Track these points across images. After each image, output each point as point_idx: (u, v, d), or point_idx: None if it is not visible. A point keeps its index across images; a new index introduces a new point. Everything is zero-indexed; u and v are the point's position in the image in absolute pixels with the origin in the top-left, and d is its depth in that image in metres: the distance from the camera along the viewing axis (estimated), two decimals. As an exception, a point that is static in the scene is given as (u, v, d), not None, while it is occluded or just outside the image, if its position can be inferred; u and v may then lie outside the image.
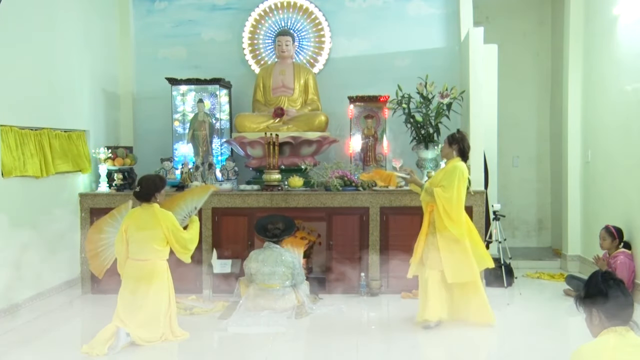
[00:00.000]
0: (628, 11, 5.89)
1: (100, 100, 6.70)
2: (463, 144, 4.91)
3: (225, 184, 6.32)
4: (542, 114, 8.27)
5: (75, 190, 6.08)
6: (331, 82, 7.23)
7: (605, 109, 6.40)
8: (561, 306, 5.67)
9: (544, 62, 8.21)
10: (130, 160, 6.56)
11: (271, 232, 5.47)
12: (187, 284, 5.87)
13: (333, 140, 6.76)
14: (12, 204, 5.00)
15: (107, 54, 6.99)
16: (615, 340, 2.37)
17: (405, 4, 7.31)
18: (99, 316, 4.98)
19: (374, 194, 6.03)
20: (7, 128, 4.91)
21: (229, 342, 4.67)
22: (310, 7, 7.32)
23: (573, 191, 7.09)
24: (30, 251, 5.15)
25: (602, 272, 2.51)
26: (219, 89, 6.80)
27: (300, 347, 4.62)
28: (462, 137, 4.97)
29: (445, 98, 6.26)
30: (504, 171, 7.97)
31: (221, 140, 6.84)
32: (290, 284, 5.33)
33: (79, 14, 6.16)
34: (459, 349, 4.57)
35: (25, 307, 5.11)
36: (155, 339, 4.49)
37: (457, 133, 5.04)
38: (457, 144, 4.92)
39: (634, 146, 5.71)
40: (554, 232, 8.12)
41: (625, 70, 5.95)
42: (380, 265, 5.98)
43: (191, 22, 7.44)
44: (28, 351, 4.47)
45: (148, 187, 4.62)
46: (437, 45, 7.27)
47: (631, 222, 5.74)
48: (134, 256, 4.56)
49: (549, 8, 8.18)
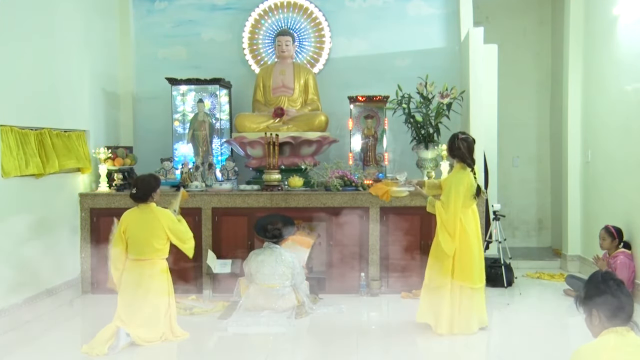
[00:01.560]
0: (628, 11, 5.89)
1: (100, 100, 6.70)
2: (460, 151, 4.71)
3: (225, 184, 6.32)
4: (542, 114, 8.27)
5: (75, 190, 6.08)
6: (331, 82, 7.24)
7: (605, 109, 6.40)
8: (561, 306, 5.67)
9: (544, 62, 8.21)
10: (130, 160, 6.56)
11: (271, 233, 5.47)
12: (187, 284, 5.87)
13: (333, 140, 6.76)
14: (12, 204, 4.99)
15: (107, 54, 6.99)
16: (615, 341, 2.37)
17: (405, 4, 7.31)
18: (99, 316, 4.98)
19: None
20: (7, 128, 4.91)
21: (229, 342, 4.67)
22: (310, 7, 7.32)
23: (573, 191, 7.09)
24: (30, 251, 5.14)
25: (602, 273, 2.51)
26: (219, 89, 6.80)
27: (300, 347, 4.62)
28: (457, 144, 4.73)
29: (445, 98, 6.27)
30: (504, 171, 7.97)
31: (221, 140, 6.84)
32: (290, 284, 5.33)
33: (79, 14, 6.16)
34: (458, 349, 4.57)
35: (25, 307, 5.11)
36: (155, 339, 4.49)
37: (456, 139, 4.77)
38: (453, 152, 4.77)
39: (634, 146, 5.71)
40: (554, 232, 8.12)
41: (625, 70, 5.95)
42: (380, 265, 5.98)
43: (191, 22, 7.45)
44: (28, 351, 4.47)
45: (144, 187, 4.64)
46: (437, 45, 7.27)
47: (631, 222, 5.74)
48: (134, 256, 4.57)
49: (549, 8, 8.19)
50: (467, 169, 4.72)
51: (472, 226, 4.73)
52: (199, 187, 6.23)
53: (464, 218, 4.70)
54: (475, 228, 4.75)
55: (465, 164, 4.73)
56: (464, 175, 4.70)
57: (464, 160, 4.72)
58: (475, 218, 4.78)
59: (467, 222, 4.72)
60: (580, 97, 7.02)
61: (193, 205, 5.99)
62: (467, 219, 4.72)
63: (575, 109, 7.05)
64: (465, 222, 4.71)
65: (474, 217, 4.78)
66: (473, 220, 4.76)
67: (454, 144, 4.75)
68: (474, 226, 4.75)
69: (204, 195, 6.09)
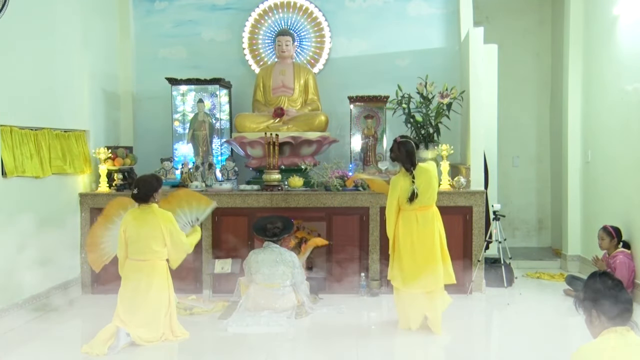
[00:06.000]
0: (628, 11, 5.89)
1: (100, 100, 6.70)
2: (397, 154, 4.77)
3: (225, 184, 6.32)
4: (542, 114, 8.27)
5: (75, 190, 6.08)
6: (331, 82, 7.24)
7: (605, 109, 6.39)
8: (561, 306, 5.67)
9: (544, 62, 8.21)
10: (130, 161, 6.56)
11: (270, 232, 5.47)
12: (187, 284, 5.88)
13: (333, 140, 6.77)
14: (12, 204, 5.00)
15: (107, 54, 6.99)
16: (615, 340, 2.37)
17: (405, 4, 7.31)
18: (99, 316, 4.98)
19: (374, 194, 6.03)
20: (7, 128, 4.91)
21: (229, 342, 4.67)
22: (310, 7, 7.32)
23: (573, 191, 7.09)
24: (30, 251, 5.14)
25: (600, 273, 2.52)
26: (219, 89, 6.80)
27: (300, 347, 4.62)
28: (394, 148, 4.79)
29: (445, 98, 6.27)
30: (504, 171, 7.97)
31: (221, 140, 6.85)
32: (290, 284, 5.33)
33: (78, 14, 6.16)
34: (458, 349, 4.57)
35: (25, 307, 5.12)
36: (155, 339, 4.49)
37: (394, 143, 4.81)
38: (392, 155, 4.87)
39: (634, 146, 5.71)
40: (554, 232, 8.12)
41: (625, 70, 5.94)
42: (380, 265, 5.98)
43: (191, 22, 7.45)
44: (28, 351, 4.47)
45: (145, 188, 4.62)
46: (437, 45, 7.27)
47: (631, 222, 5.74)
48: (134, 256, 4.56)
49: (549, 8, 8.18)
50: (407, 173, 4.73)
51: (405, 231, 4.73)
52: (199, 187, 6.23)
53: (401, 221, 4.74)
54: (405, 235, 4.73)
55: (404, 168, 4.75)
56: (398, 179, 4.75)
57: (403, 164, 4.75)
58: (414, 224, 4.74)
59: (405, 225, 4.73)
60: (580, 97, 7.02)
61: (193, 205, 5.99)
62: (405, 221, 4.73)
63: (575, 109, 7.05)
64: (402, 225, 4.73)
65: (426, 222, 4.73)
66: (414, 223, 4.72)
67: (392, 147, 4.82)
68: (406, 233, 4.73)
69: (204, 195, 6.08)
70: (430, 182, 4.73)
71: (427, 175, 4.73)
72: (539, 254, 7.77)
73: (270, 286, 5.26)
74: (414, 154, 4.74)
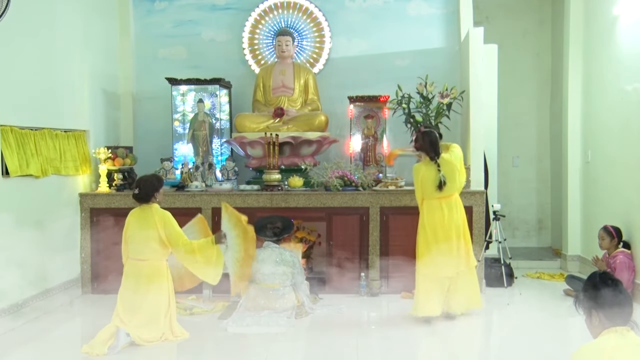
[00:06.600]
0: (628, 11, 5.89)
1: (100, 100, 6.70)
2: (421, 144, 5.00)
3: (225, 184, 6.32)
4: (542, 114, 8.27)
5: (76, 190, 6.08)
6: (331, 82, 7.23)
7: (605, 109, 6.40)
8: (561, 306, 5.67)
9: (544, 62, 8.21)
10: (130, 161, 6.56)
11: (271, 232, 5.48)
12: (187, 284, 5.87)
13: (333, 140, 6.77)
14: (12, 204, 5.00)
15: (107, 54, 6.99)
16: (615, 340, 2.37)
17: (405, 4, 7.31)
18: (99, 316, 4.98)
19: (374, 194, 6.04)
20: (7, 128, 4.91)
21: (229, 342, 4.67)
22: (310, 7, 7.32)
23: (573, 191, 7.09)
24: (30, 251, 5.15)
25: (600, 273, 2.52)
26: (219, 89, 6.80)
27: (300, 347, 4.62)
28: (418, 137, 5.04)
29: (445, 98, 6.27)
30: (504, 171, 7.97)
31: (221, 140, 6.84)
32: (291, 283, 5.33)
33: (79, 14, 6.16)
34: (458, 349, 4.58)
35: (26, 307, 5.11)
36: (155, 339, 4.49)
37: (418, 133, 5.10)
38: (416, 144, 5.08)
39: (634, 146, 5.71)
40: (554, 232, 8.12)
41: (625, 70, 5.95)
42: (380, 265, 5.98)
43: (191, 22, 7.44)
44: (28, 351, 4.48)
45: (146, 188, 4.62)
46: (437, 45, 7.27)
47: (631, 222, 5.74)
48: (134, 256, 4.57)
49: (549, 8, 8.18)
50: (431, 162, 4.94)
51: (429, 220, 4.95)
52: (199, 187, 6.23)
53: (426, 209, 4.97)
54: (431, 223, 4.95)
55: (428, 157, 4.96)
56: (420, 167, 4.99)
57: (427, 153, 4.96)
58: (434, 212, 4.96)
59: (429, 212, 4.95)
60: (580, 97, 7.02)
61: (193, 205, 6.00)
62: (430, 209, 4.95)
63: (575, 109, 7.05)
64: (426, 213, 4.96)
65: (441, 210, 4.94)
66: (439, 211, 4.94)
67: (416, 137, 5.05)
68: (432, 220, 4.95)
69: (204, 195, 6.10)
70: (453, 172, 4.95)
71: (450, 166, 4.95)
72: (539, 254, 7.77)
73: (271, 286, 5.26)
74: (437, 143, 4.98)
